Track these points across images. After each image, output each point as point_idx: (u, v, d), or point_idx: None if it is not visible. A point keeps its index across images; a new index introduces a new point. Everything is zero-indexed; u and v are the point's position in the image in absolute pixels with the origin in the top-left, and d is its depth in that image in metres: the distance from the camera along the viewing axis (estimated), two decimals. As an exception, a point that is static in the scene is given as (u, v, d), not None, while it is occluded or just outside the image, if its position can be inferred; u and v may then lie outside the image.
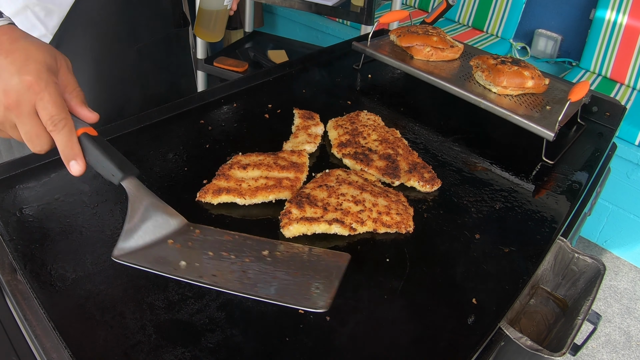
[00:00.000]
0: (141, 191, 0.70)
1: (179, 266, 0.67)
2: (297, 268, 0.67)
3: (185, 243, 0.70)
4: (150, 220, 0.70)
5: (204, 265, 0.66)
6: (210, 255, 0.68)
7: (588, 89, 1.11)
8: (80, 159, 0.62)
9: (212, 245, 0.70)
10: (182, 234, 0.72)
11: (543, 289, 0.90)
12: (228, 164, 0.94)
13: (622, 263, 2.51)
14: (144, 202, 0.70)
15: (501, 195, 0.98)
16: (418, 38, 1.31)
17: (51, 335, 0.68)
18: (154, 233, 0.70)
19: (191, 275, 0.65)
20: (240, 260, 0.67)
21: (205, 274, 0.65)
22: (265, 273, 0.66)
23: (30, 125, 0.57)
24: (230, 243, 0.71)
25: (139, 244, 0.68)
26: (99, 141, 0.65)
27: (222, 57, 2.69)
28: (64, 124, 0.58)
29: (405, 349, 0.68)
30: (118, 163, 0.66)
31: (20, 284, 0.75)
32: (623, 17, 2.55)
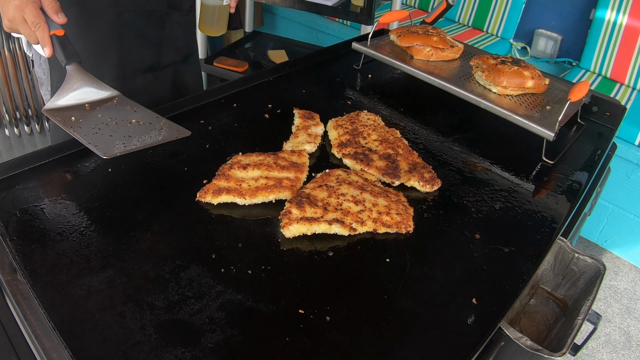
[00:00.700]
0: (78, 72, 0.92)
1: (69, 119, 0.88)
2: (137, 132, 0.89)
3: (95, 108, 0.92)
4: (79, 90, 0.91)
5: (82, 121, 0.88)
6: (98, 117, 0.90)
7: (588, 89, 1.11)
8: (49, 46, 0.88)
9: (109, 111, 0.92)
10: (102, 102, 0.94)
11: (543, 289, 0.90)
12: (228, 164, 0.94)
13: (622, 263, 2.51)
14: (76, 78, 0.91)
15: (501, 195, 0.98)
16: (418, 38, 1.31)
17: (51, 335, 0.68)
18: (79, 100, 0.92)
19: (65, 125, 0.86)
20: (109, 123, 0.89)
21: (74, 125, 0.87)
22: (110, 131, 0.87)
23: (24, 29, 0.87)
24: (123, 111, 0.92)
25: (62, 104, 0.90)
26: (61, 39, 0.90)
27: (222, 57, 2.69)
28: (39, 26, 0.86)
29: (405, 348, 0.68)
30: (66, 53, 0.89)
31: (20, 284, 0.75)
32: (623, 17, 2.55)
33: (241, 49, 2.86)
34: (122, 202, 0.87)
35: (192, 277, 0.74)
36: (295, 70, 1.37)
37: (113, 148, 0.83)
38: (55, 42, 0.89)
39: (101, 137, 0.85)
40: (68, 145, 0.97)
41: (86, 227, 0.81)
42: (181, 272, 0.75)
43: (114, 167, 0.94)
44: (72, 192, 0.88)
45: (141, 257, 0.76)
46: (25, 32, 0.88)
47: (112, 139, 0.85)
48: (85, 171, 0.93)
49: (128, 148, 0.84)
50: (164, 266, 0.75)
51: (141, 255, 0.77)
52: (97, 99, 0.93)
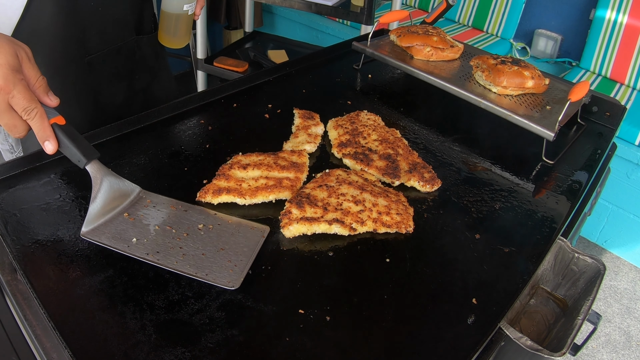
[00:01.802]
0: (101, 171, 0.80)
1: (131, 243, 0.76)
2: (223, 242, 0.79)
3: (137, 216, 0.81)
4: (109, 196, 0.80)
5: (149, 241, 0.77)
6: (156, 229, 0.79)
7: (588, 89, 1.11)
8: (52, 139, 0.73)
9: (159, 218, 0.81)
10: (136, 206, 0.83)
11: (543, 289, 0.90)
12: (228, 164, 0.94)
13: (622, 263, 2.51)
14: (104, 181, 0.80)
15: (501, 195, 0.98)
16: (418, 38, 1.31)
17: (51, 335, 0.68)
18: (112, 208, 0.80)
19: (138, 252, 0.75)
20: (179, 236, 0.79)
21: (150, 251, 0.75)
22: (197, 249, 0.77)
23: (7, 118, 0.69)
24: (174, 215, 0.83)
25: (100, 221, 0.79)
26: (67, 129, 0.75)
27: (222, 57, 2.69)
28: (35, 112, 0.70)
29: (405, 348, 0.68)
30: (82, 149, 0.76)
31: (20, 284, 0.75)
32: (623, 17, 2.55)
33: (241, 49, 2.86)
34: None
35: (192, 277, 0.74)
36: (295, 70, 1.37)
37: (229, 272, 0.73)
38: (60, 135, 0.73)
39: (197, 260, 0.74)
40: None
41: (86, 227, 0.81)
42: (181, 272, 0.74)
43: (114, 167, 0.94)
44: (72, 192, 0.88)
45: (141, 257, 0.76)
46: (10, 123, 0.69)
47: (207, 258, 0.75)
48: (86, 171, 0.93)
49: (241, 267, 0.74)
50: (164, 266, 0.75)
51: (141, 255, 0.77)
52: (129, 202, 0.82)
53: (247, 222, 0.83)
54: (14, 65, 0.69)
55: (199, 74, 2.78)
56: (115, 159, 0.97)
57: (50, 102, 0.74)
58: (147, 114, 1.08)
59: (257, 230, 0.82)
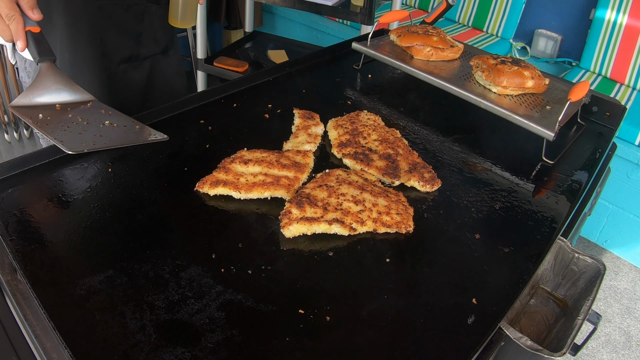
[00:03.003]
0: (51, 70, 0.88)
1: (36, 116, 0.84)
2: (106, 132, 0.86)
3: (66, 108, 0.89)
4: (49, 89, 0.88)
5: (49, 118, 0.84)
6: (69, 117, 0.87)
7: (588, 89, 1.11)
8: (22, 40, 0.86)
9: (81, 113, 0.88)
10: (76, 104, 0.90)
11: (543, 289, 0.90)
12: (230, 158, 0.95)
13: (622, 263, 2.51)
14: (49, 76, 0.88)
15: (501, 195, 0.98)
16: (418, 38, 1.31)
17: (51, 335, 0.68)
18: (49, 99, 0.88)
19: (31, 121, 0.83)
20: (80, 123, 0.86)
21: (40, 122, 0.83)
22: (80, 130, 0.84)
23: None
24: (96, 114, 0.89)
25: (31, 102, 0.86)
26: (36, 36, 0.87)
27: (222, 57, 2.69)
28: (13, 18, 0.84)
29: (405, 348, 0.68)
30: (39, 50, 0.86)
31: (20, 284, 0.75)
32: (623, 17, 2.55)
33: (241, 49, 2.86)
34: (122, 202, 0.87)
35: (192, 277, 0.74)
36: (295, 70, 1.37)
37: (81, 145, 0.80)
38: (29, 38, 0.86)
39: (69, 135, 0.82)
40: (68, 145, 0.97)
41: (86, 227, 0.81)
42: (181, 272, 0.75)
43: (114, 167, 0.95)
44: (72, 192, 0.88)
45: (141, 257, 0.76)
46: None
47: (81, 136, 0.82)
48: (86, 171, 0.93)
49: (97, 146, 0.81)
50: (164, 266, 0.75)
51: (141, 255, 0.77)
52: (69, 101, 0.90)
53: (151, 129, 0.90)
54: None
55: (199, 74, 2.78)
56: (115, 159, 0.97)
57: (32, 16, 0.86)
58: (147, 114, 1.08)
59: (151, 136, 0.88)
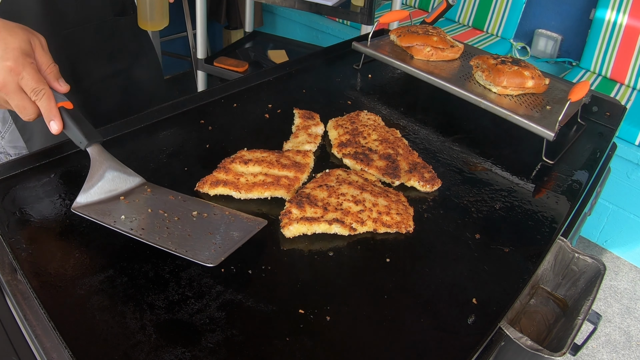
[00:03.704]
0: (102, 155, 0.82)
1: (119, 219, 0.77)
2: (213, 228, 0.77)
3: (134, 200, 0.81)
4: (107, 179, 0.81)
5: (138, 220, 0.77)
6: (148, 212, 0.79)
7: (588, 89, 1.11)
8: (58, 119, 0.75)
9: (154, 203, 0.81)
10: (135, 192, 0.83)
11: (543, 288, 0.90)
12: (231, 158, 0.94)
13: (622, 263, 2.51)
14: (103, 164, 0.81)
15: (501, 195, 0.98)
16: (418, 38, 1.31)
17: (51, 335, 0.68)
18: (109, 191, 0.81)
19: (124, 227, 0.75)
20: (170, 219, 0.78)
21: (135, 227, 0.75)
22: (184, 230, 0.76)
23: (18, 99, 0.72)
24: (170, 203, 0.82)
25: (94, 199, 0.80)
26: (72, 113, 0.78)
27: (222, 57, 2.69)
28: (43, 93, 0.73)
29: (405, 348, 0.68)
30: (85, 132, 0.78)
31: (20, 284, 0.75)
32: (623, 17, 2.55)
33: (241, 49, 2.86)
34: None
35: (192, 277, 0.74)
36: (295, 70, 1.37)
37: (210, 251, 0.72)
38: (66, 118, 0.76)
39: (181, 240, 0.74)
40: (68, 145, 0.97)
41: (86, 227, 0.81)
42: (181, 272, 0.75)
43: (114, 167, 0.94)
44: (72, 192, 0.88)
45: (141, 257, 0.76)
46: (20, 104, 0.72)
47: (192, 238, 0.74)
48: (86, 171, 0.93)
49: (226, 247, 0.73)
50: (164, 266, 0.75)
51: (141, 255, 0.77)
52: (129, 188, 0.83)
53: (244, 215, 0.82)
54: (26, 49, 0.72)
55: (199, 74, 2.78)
56: (115, 159, 0.97)
57: (60, 88, 0.77)
58: (148, 114, 1.08)
59: (254, 222, 0.80)
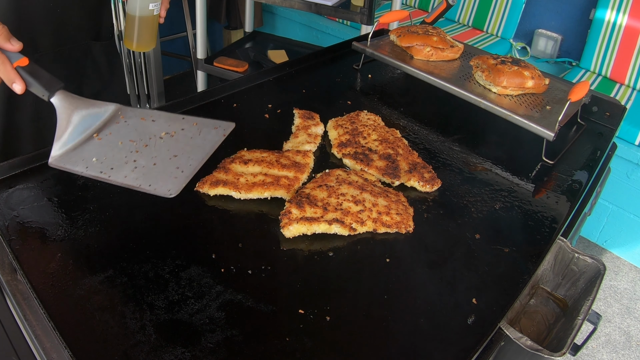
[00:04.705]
0: (67, 100, 0.80)
1: (91, 163, 0.77)
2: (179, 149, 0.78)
3: (106, 134, 0.81)
4: (77, 122, 0.80)
5: (108, 158, 0.78)
6: (119, 145, 0.79)
7: (588, 89, 1.11)
8: (18, 80, 0.76)
9: (126, 133, 0.81)
10: (109, 124, 0.82)
11: (543, 289, 0.90)
12: (230, 158, 0.94)
13: (622, 263, 2.51)
14: (69, 109, 0.80)
15: (501, 195, 0.98)
16: (418, 38, 1.31)
17: (51, 335, 0.68)
18: (83, 132, 0.81)
19: (94, 171, 0.76)
20: (138, 148, 0.79)
21: (105, 169, 0.76)
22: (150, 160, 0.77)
23: None
24: (141, 126, 0.82)
25: (68, 147, 0.79)
26: (29, 69, 0.78)
27: (222, 57, 2.69)
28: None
29: (405, 348, 0.68)
30: (44, 83, 0.78)
31: (20, 284, 0.75)
32: (623, 17, 2.55)
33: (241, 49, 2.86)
34: (122, 202, 0.87)
35: (192, 277, 0.74)
36: (295, 70, 1.37)
37: (172, 180, 0.73)
38: (24, 75, 0.77)
39: (147, 171, 0.75)
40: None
41: (86, 227, 0.81)
42: (181, 272, 0.75)
43: (114, 167, 0.94)
44: (72, 192, 0.88)
45: (141, 257, 0.76)
46: None
47: (157, 167, 0.75)
48: (85, 171, 0.93)
49: (187, 172, 0.74)
50: (164, 266, 0.75)
51: (141, 255, 0.77)
52: (102, 122, 0.82)
53: (212, 121, 0.82)
54: None
55: (199, 74, 2.78)
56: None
57: (12, 47, 0.77)
58: (147, 114, 1.08)
59: (220, 129, 0.80)
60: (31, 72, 0.77)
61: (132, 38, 1.03)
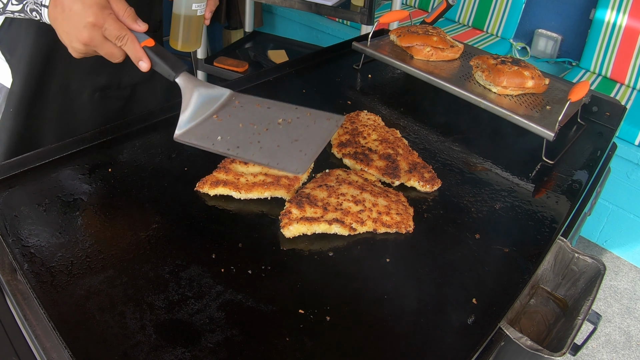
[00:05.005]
0: (190, 82, 0.87)
1: (216, 140, 0.84)
2: (298, 134, 0.85)
3: (226, 116, 0.88)
4: (198, 102, 0.87)
5: (232, 138, 0.84)
6: (240, 127, 0.86)
7: (588, 89, 1.11)
8: (145, 58, 0.82)
9: (244, 116, 0.88)
10: (226, 107, 0.90)
11: (543, 289, 0.90)
12: (231, 158, 0.94)
13: (622, 263, 2.51)
14: (192, 90, 0.87)
15: (501, 195, 0.98)
16: (418, 38, 1.31)
17: (51, 335, 0.68)
18: (203, 112, 0.88)
19: (222, 148, 0.83)
20: (260, 131, 0.85)
21: (231, 147, 0.83)
22: (273, 142, 0.84)
23: (106, 49, 0.79)
24: (258, 113, 0.89)
25: (191, 125, 0.87)
26: (156, 49, 0.84)
27: (222, 57, 2.69)
28: (126, 38, 0.79)
29: (405, 349, 0.68)
30: (171, 64, 0.84)
31: (20, 284, 0.75)
32: (623, 17, 2.55)
33: (241, 49, 2.86)
34: (122, 202, 0.87)
35: (192, 277, 0.74)
36: (295, 70, 1.37)
37: (297, 160, 0.80)
38: (151, 56, 0.82)
39: (271, 152, 0.82)
40: (68, 145, 0.97)
41: (86, 227, 0.81)
42: (181, 272, 0.75)
43: (114, 167, 0.95)
44: (72, 192, 0.88)
45: (141, 257, 0.76)
46: (108, 52, 0.80)
47: (281, 149, 0.82)
48: (86, 171, 0.93)
49: (310, 155, 0.80)
50: (164, 266, 0.75)
51: (141, 255, 0.77)
52: (220, 105, 0.89)
53: (324, 113, 0.89)
54: (102, 3, 0.78)
55: (199, 74, 2.78)
56: (115, 159, 0.97)
57: (139, 28, 0.81)
58: (147, 114, 1.08)
59: (332, 120, 0.88)
60: (157, 53, 0.83)
61: (177, 38, 1.05)
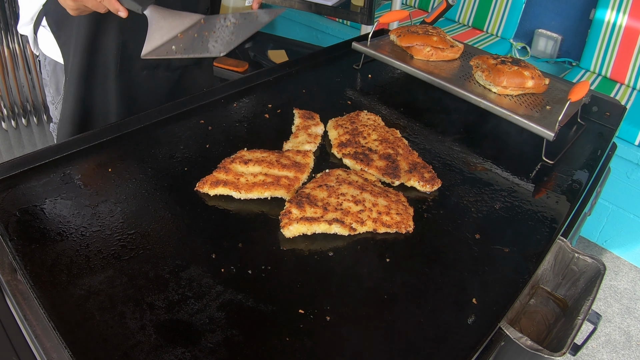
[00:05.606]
0: (157, 11, 0.95)
1: (171, 50, 0.95)
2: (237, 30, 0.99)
3: (187, 32, 0.98)
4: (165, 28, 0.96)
5: (184, 45, 0.95)
6: (194, 37, 0.97)
7: (588, 89, 1.11)
8: (121, 9, 0.91)
9: (202, 28, 0.98)
10: (192, 27, 0.99)
11: (543, 289, 0.90)
12: (230, 158, 0.94)
13: (622, 263, 2.51)
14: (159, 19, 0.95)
15: (501, 195, 0.98)
16: (418, 38, 1.31)
17: (51, 335, 0.68)
18: (168, 33, 0.96)
19: (169, 54, 0.94)
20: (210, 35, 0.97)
21: (179, 50, 0.95)
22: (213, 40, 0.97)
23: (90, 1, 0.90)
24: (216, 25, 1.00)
25: (157, 44, 0.95)
26: None
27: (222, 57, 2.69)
28: None
29: (405, 348, 0.68)
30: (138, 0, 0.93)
31: (20, 284, 0.75)
32: (623, 18, 2.55)
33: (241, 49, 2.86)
34: (122, 203, 0.87)
35: (192, 277, 0.74)
36: (295, 70, 1.37)
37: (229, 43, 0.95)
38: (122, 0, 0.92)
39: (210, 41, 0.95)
40: (68, 145, 0.97)
41: (86, 227, 0.81)
42: (181, 272, 0.75)
43: (114, 168, 0.95)
44: (72, 192, 0.88)
45: (141, 257, 0.76)
46: (93, 4, 0.91)
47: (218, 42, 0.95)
48: (85, 171, 0.93)
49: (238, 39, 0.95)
50: (164, 266, 0.75)
51: (141, 255, 0.77)
52: (187, 27, 0.98)
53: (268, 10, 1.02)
54: None
55: (199, 73, 2.77)
56: (115, 159, 0.97)
57: None
58: (148, 114, 1.08)
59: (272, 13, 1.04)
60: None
61: None
